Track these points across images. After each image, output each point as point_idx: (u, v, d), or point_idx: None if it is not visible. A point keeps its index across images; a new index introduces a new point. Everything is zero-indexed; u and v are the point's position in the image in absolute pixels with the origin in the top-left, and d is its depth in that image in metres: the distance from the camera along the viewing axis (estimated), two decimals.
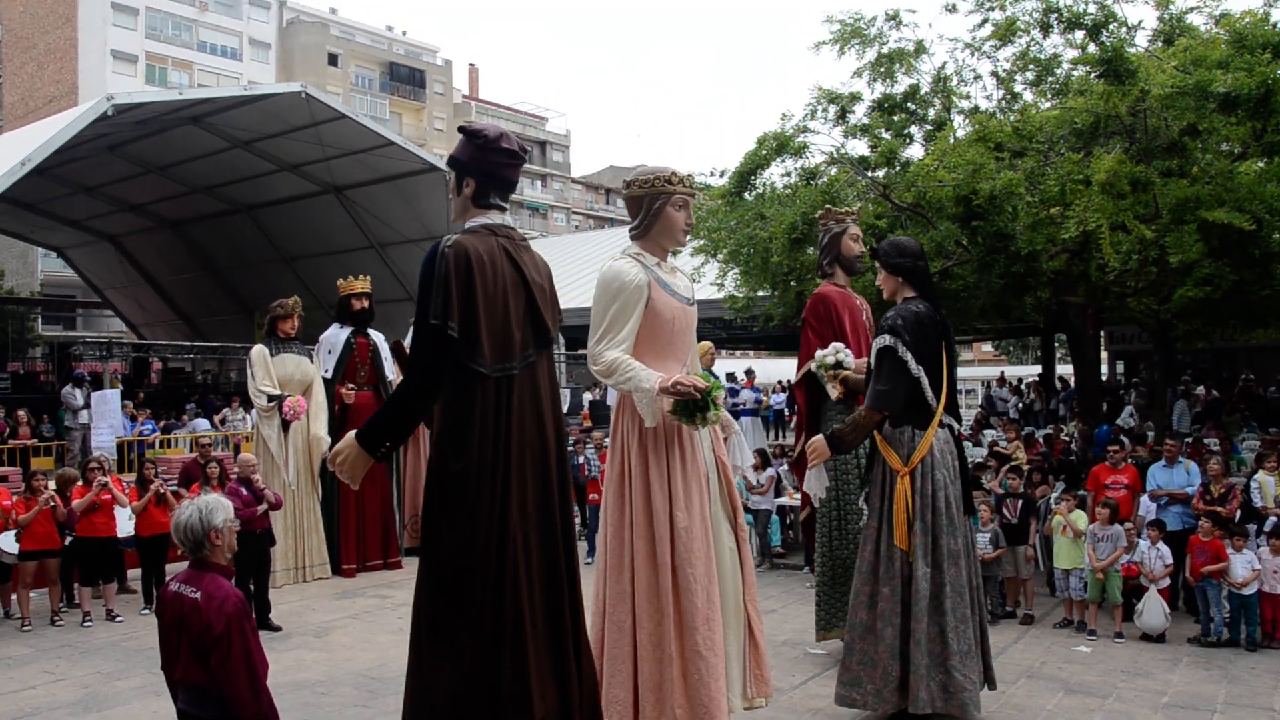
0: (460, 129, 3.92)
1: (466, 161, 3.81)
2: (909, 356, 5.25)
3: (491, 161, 3.79)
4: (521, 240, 3.91)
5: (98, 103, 15.46)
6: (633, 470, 4.51)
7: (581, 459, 11.59)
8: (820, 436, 5.45)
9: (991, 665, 5.53)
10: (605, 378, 4.46)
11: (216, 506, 3.60)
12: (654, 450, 4.47)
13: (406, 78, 58.01)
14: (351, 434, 3.64)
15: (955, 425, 5.58)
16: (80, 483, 8.49)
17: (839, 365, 6.39)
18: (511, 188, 3.91)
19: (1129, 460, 9.32)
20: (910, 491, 5.25)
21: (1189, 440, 11.39)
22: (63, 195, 24.08)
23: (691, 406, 4.25)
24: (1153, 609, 7.50)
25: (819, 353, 6.54)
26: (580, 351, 28.72)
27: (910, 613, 5.19)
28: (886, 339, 5.31)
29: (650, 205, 4.60)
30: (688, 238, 4.71)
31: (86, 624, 8.11)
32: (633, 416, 4.52)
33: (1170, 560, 7.72)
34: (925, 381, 5.28)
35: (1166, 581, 7.71)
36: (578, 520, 12.25)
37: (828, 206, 7.52)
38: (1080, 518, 8.00)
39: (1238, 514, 8.18)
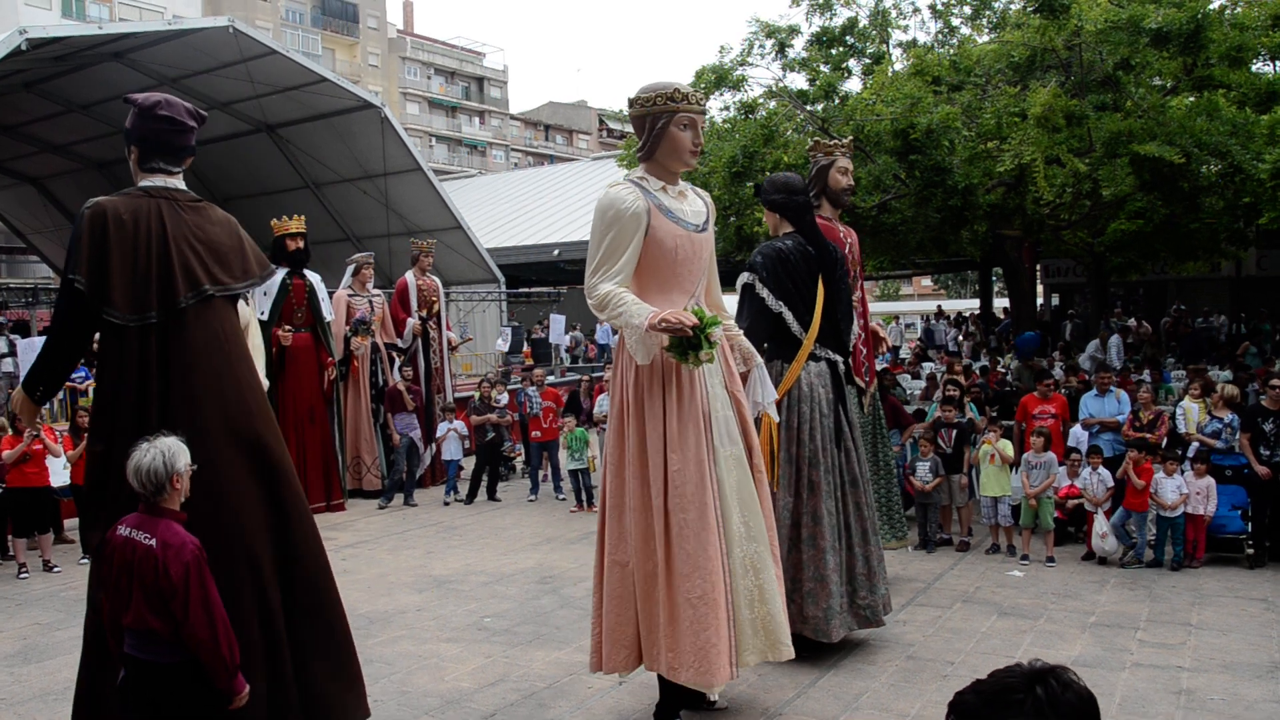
0: (124, 99, 4.07)
1: (129, 130, 3.99)
2: (766, 293, 5.40)
3: (150, 129, 3.95)
4: (190, 201, 4.03)
5: (9, 36, 14.74)
6: (630, 409, 4.32)
7: (523, 397, 11.58)
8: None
9: (878, 592, 5.65)
10: (599, 312, 4.22)
11: (179, 450, 3.51)
12: (650, 388, 4.25)
13: (339, 12, 56.32)
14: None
15: (834, 357, 5.68)
16: (10, 433, 8.29)
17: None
18: (178, 152, 4.01)
19: (1059, 390, 9.56)
20: (775, 425, 5.23)
21: (1118, 371, 11.69)
22: None
23: (685, 343, 4.03)
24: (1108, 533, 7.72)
25: None
26: (521, 290, 28.47)
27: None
28: (746, 276, 5.47)
29: (654, 125, 4.31)
30: (696, 159, 4.41)
31: (22, 575, 7.97)
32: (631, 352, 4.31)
33: (1111, 483, 7.93)
34: (789, 316, 5.42)
35: (1109, 505, 7.94)
36: (520, 458, 12.33)
37: (817, 139, 7.32)
38: (1007, 446, 8.20)
39: (1164, 440, 8.43)
